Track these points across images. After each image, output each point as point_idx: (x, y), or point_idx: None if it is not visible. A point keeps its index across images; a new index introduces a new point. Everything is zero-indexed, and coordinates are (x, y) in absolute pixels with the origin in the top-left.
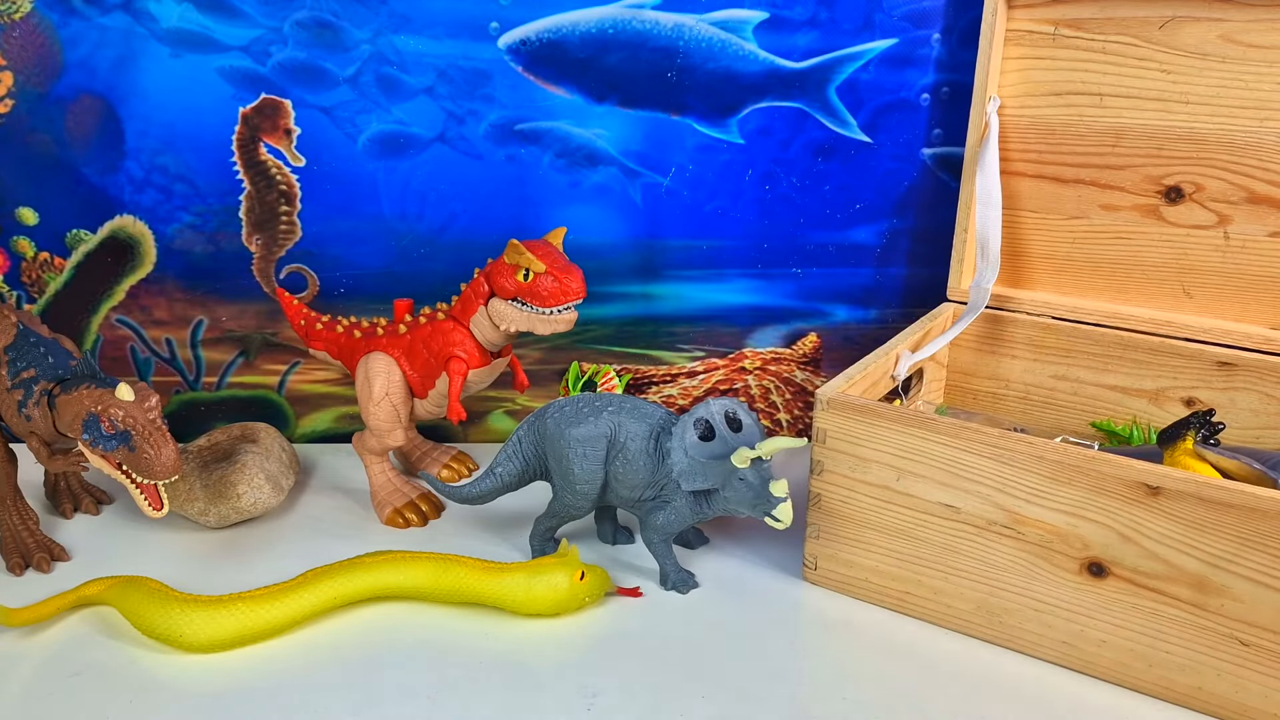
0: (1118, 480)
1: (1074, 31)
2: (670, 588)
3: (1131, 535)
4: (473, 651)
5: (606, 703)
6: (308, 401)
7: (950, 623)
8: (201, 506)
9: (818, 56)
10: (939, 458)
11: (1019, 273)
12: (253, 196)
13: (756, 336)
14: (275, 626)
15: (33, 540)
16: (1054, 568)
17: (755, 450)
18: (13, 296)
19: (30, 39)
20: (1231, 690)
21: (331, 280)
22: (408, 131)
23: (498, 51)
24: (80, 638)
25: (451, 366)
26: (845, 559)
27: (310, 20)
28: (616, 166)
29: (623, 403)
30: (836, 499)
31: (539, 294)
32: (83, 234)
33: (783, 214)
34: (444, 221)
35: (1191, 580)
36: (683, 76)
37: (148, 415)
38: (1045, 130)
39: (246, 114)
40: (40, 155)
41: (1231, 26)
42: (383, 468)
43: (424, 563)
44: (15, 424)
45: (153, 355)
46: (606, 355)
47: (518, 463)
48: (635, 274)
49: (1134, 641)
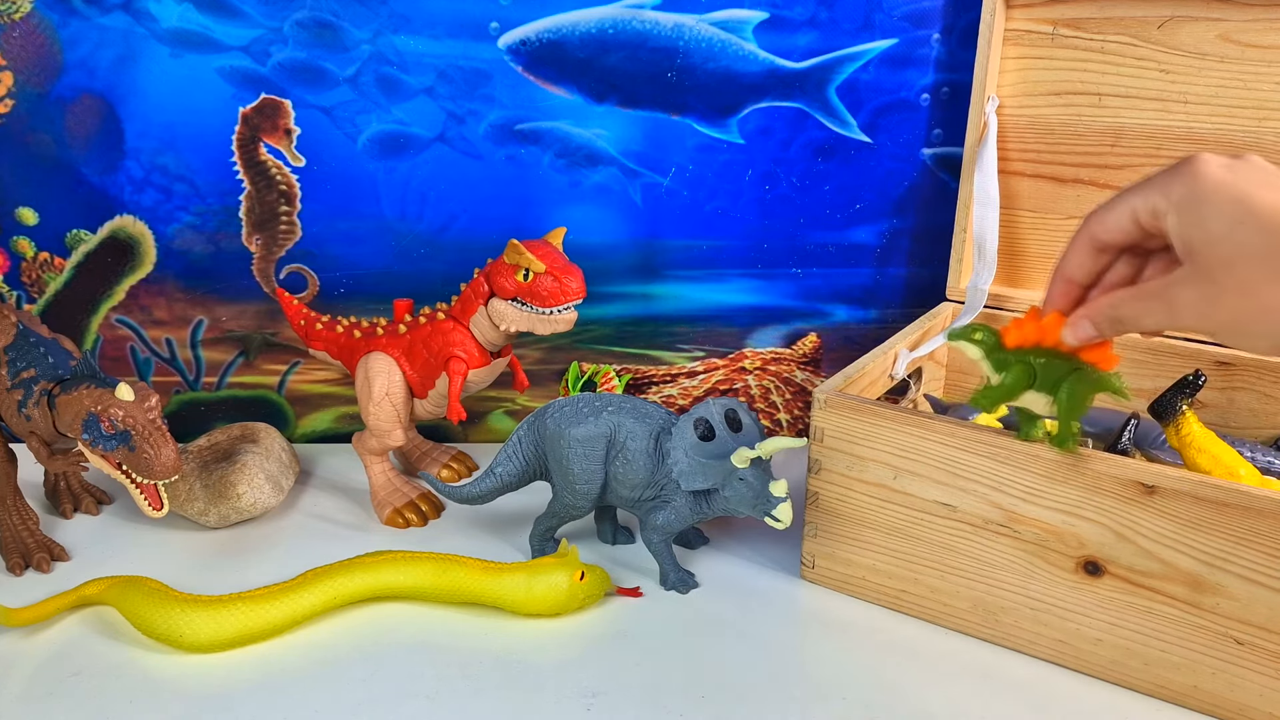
0: (1113, 479)
1: (1073, 31)
2: (670, 588)
3: (1127, 534)
4: (473, 651)
5: (606, 703)
6: (308, 401)
7: (947, 621)
8: (201, 506)
9: (818, 56)
10: (936, 456)
11: (1018, 272)
12: (253, 196)
13: (756, 336)
14: (275, 626)
15: (33, 540)
16: (1050, 566)
17: (755, 450)
18: (13, 296)
19: (30, 39)
20: (1227, 689)
21: (331, 280)
22: (408, 131)
23: (498, 51)
24: (80, 638)
25: (451, 366)
26: (843, 557)
27: (310, 20)
28: (616, 166)
29: (623, 403)
30: (834, 498)
31: (539, 294)
32: (83, 234)
33: (783, 214)
34: (444, 221)
35: (1187, 579)
36: (683, 76)
37: (148, 415)
38: (1044, 130)
39: (246, 114)
40: (40, 155)
41: (1230, 26)
42: (383, 468)
43: (424, 563)
44: (15, 424)
45: (153, 355)
46: (606, 355)
47: (518, 463)
48: (635, 274)
49: (1129, 640)
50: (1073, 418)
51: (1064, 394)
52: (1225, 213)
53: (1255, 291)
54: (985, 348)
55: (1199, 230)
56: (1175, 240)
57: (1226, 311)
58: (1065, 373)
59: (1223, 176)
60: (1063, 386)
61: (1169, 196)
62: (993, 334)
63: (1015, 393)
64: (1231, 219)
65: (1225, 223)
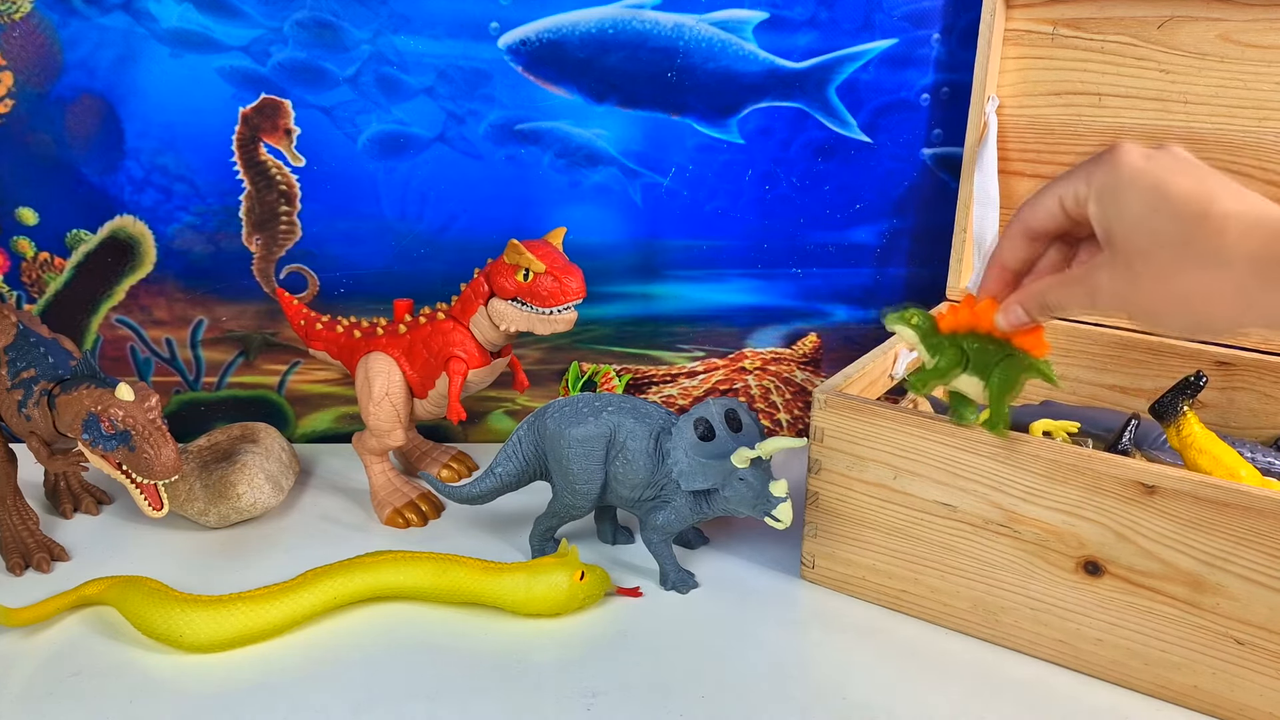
0: (1114, 479)
1: (1072, 31)
2: (670, 588)
3: (1127, 534)
4: (473, 651)
5: (606, 703)
6: (308, 401)
7: (947, 621)
8: (201, 506)
9: (818, 56)
10: (936, 456)
11: None
12: (253, 196)
13: (756, 336)
14: (275, 626)
15: (33, 540)
16: (1050, 566)
17: (755, 450)
18: (13, 296)
19: (30, 39)
20: (1227, 689)
21: (331, 280)
22: (408, 131)
23: (498, 51)
24: (80, 638)
25: (451, 366)
26: (843, 557)
27: (310, 20)
28: (616, 166)
29: (623, 403)
30: (834, 497)
31: (539, 294)
32: (83, 234)
33: (783, 214)
34: (444, 221)
35: (1187, 579)
36: (683, 76)
37: (148, 415)
38: (1044, 130)
39: (246, 114)
40: (40, 155)
41: (1230, 26)
42: (383, 468)
43: (424, 563)
44: (15, 424)
45: (153, 355)
46: (606, 355)
47: (518, 462)
48: (635, 274)
49: (1130, 640)
50: (1004, 401)
51: (996, 378)
52: (1142, 200)
53: (1169, 278)
54: (920, 331)
55: (1117, 217)
56: (1097, 227)
57: (1143, 296)
58: (998, 357)
59: (1141, 165)
60: (995, 371)
61: (1091, 184)
62: (928, 318)
63: (949, 375)
64: (1147, 206)
65: (1141, 210)
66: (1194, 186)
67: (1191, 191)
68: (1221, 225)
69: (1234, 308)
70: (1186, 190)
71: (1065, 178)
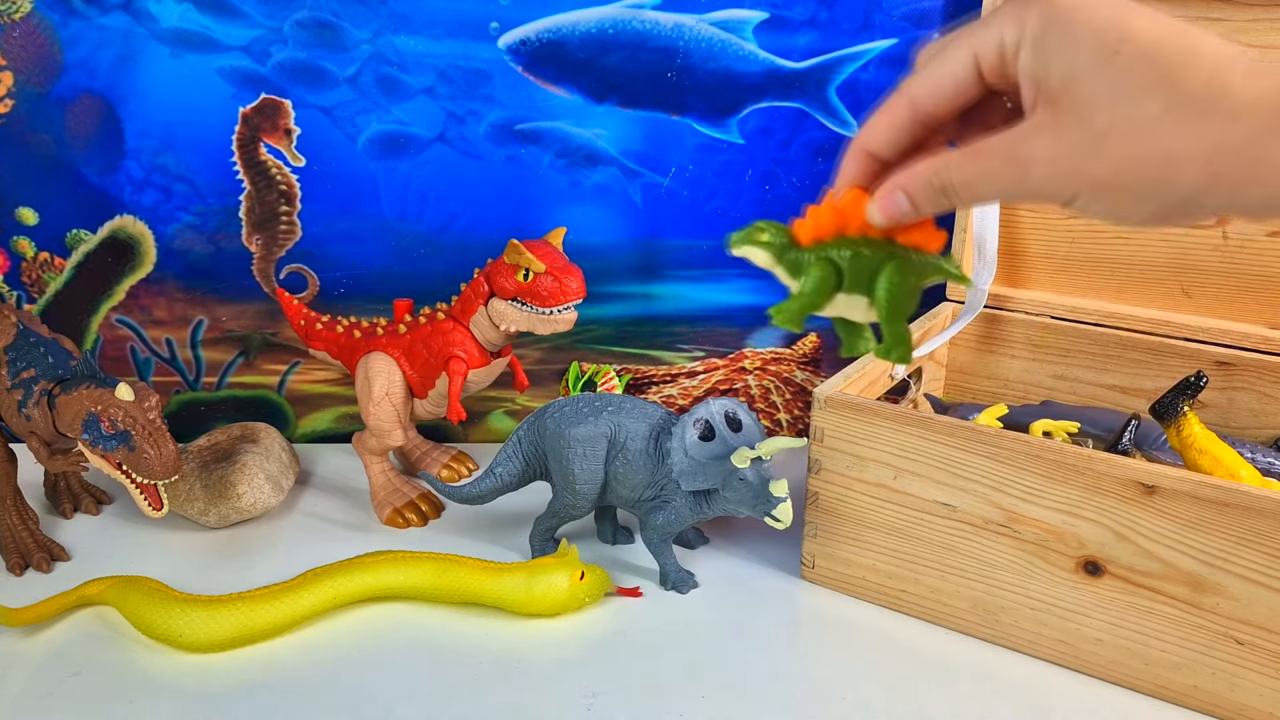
0: (1114, 479)
1: None
2: (670, 588)
3: (1127, 534)
4: (473, 651)
5: (606, 703)
6: (308, 401)
7: (947, 621)
8: (201, 506)
9: (818, 56)
10: (936, 456)
11: (1018, 272)
12: (253, 196)
13: (756, 336)
14: (275, 626)
15: (33, 540)
16: (1050, 566)
17: (755, 450)
18: (13, 296)
19: (30, 39)
20: (1227, 689)
21: (331, 280)
22: (408, 131)
23: (498, 51)
24: (80, 638)
25: (451, 366)
26: (843, 557)
27: (310, 20)
28: (616, 166)
29: (623, 403)
30: (834, 497)
31: (539, 294)
32: (83, 234)
33: (783, 214)
34: (444, 221)
35: (1187, 579)
36: (683, 76)
37: (148, 415)
38: None
39: (246, 114)
40: (40, 155)
41: (1230, 26)
42: (383, 468)
43: (424, 563)
44: (15, 424)
45: (153, 355)
46: (606, 355)
47: (518, 463)
48: (635, 274)
49: (1130, 640)
50: (899, 317)
51: (882, 290)
52: (1098, 40)
53: (1145, 138)
54: (774, 249)
55: (1063, 62)
56: (1028, 81)
57: (1103, 165)
58: (881, 264)
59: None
60: (879, 281)
61: (1024, 27)
62: (782, 230)
63: (820, 300)
64: (1106, 46)
65: (1099, 50)
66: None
67: (1159, 30)
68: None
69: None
70: (1146, 27)
71: (976, 28)
